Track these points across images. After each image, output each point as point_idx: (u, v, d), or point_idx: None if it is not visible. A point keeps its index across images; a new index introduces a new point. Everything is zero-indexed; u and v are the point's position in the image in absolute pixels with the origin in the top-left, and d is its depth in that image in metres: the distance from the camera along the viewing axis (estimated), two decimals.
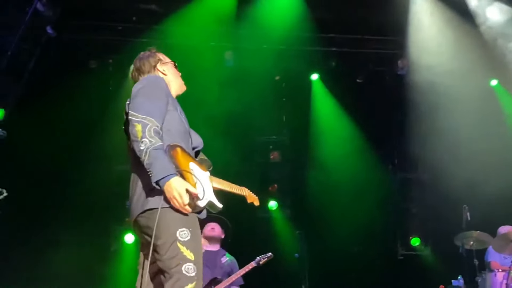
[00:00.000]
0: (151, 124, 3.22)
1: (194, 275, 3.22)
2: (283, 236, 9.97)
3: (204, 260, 6.61)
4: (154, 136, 3.20)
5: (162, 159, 3.16)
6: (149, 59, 3.75)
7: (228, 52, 9.62)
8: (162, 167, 3.14)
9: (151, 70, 3.71)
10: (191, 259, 3.23)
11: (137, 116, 3.26)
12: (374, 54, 9.98)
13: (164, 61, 3.79)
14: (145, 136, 3.18)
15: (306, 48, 9.67)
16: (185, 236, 3.24)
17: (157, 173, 3.14)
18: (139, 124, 3.22)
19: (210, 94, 9.16)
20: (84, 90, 9.04)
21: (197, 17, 8.95)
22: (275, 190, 10.24)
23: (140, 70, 3.73)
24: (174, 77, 3.78)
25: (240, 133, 9.57)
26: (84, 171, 9.06)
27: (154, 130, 3.22)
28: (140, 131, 3.20)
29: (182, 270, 3.19)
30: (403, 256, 10.34)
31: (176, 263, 3.20)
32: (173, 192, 3.13)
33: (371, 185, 9.87)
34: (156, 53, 3.81)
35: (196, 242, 3.31)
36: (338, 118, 10.36)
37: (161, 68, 3.75)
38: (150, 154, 3.15)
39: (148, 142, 3.16)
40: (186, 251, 3.22)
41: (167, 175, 3.14)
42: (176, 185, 3.14)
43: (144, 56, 3.79)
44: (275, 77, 10.14)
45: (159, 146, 3.18)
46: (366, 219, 9.60)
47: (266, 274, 7.00)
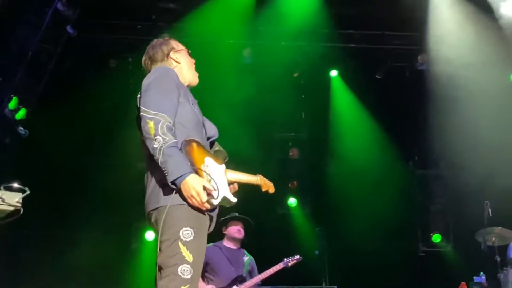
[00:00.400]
0: (164, 120, 3.16)
1: (189, 277, 3.12)
2: (303, 233, 9.97)
3: (229, 257, 6.70)
4: (167, 133, 3.13)
5: (177, 157, 3.10)
6: (162, 47, 3.66)
7: (246, 49, 9.62)
8: (177, 166, 3.09)
9: (164, 59, 3.62)
10: (189, 260, 3.13)
11: (149, 112, 3.19)
12: (394, 50, 9.93)
13: (177, 49, 3.68)
14: (158, 134, 3.12)
15: (325, 44, 9.64)
16: (188, 236, 3.15)
17: (173, 172, 3.08)
18: (151, 120, 3.16)
19: (228, 92, 9.19)
20: (104, 88, 9.11)
21: (216, 14, 8.96)
22: (294, 187, 10.24)
23: (153, 58, 3.65)
24: (188, 65, 3.68)
25: (259, 130, 9.58)
26: (105, 169, 9.13)
27: (167, 126, 3.14)
28: (152, 128, 3.13)
29: (178, 271, 3.10)
30: (424, 252, 10.29)
31: (174, 262, 3.12)
32: (190, 191, 3.08)
33: (391, 181, 9.83)
34: (169, 41, 3.71)
35: (198, 243, 3.21)
36: (357, 114, 10.33)
37: (174, 56, 3.64)
38: (164, 152, 3.09)
39: (162, 140, 3.10)
40: (186, 251, 3.13)
41: (183, 174, 3.08)
42: (193, 183, 3.08)
43: (157, 44, 3.70)
44: (294, 74, 10.12)
45: (172, 144, 3.11)
46: (387, 216, 9.57)
47: (287, 271, 6.99)
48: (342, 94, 10.41)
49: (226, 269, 6.67)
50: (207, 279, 6.65)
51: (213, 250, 6.72)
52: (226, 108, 8.79)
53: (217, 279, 6.61)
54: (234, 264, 6.74)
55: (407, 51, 9.94)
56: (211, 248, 6.74)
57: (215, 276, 6.63)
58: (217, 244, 6.82)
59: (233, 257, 6.78)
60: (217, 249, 6.77)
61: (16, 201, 4.20)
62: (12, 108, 8.04)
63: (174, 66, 3.61)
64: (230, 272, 6.68)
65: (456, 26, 9.16)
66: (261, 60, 9.59)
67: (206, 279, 6.65)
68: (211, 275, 6.65)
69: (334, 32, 9.50)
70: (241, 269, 6.74)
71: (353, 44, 9.77)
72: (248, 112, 9.34)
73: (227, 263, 6.71)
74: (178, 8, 9.06)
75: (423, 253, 10.28)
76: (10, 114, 8.05)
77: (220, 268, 6.66)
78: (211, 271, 6.66)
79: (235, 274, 6.67)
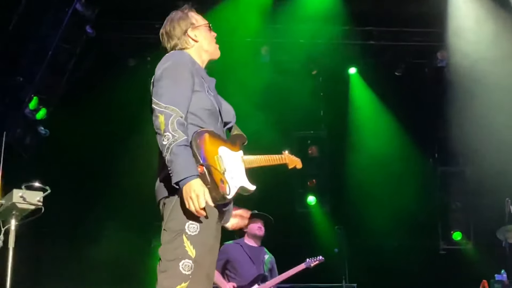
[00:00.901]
0: (175, 115, 3.00)
1: (189, 273, 2.99)
2: (322, 231, 9.95)
3: (250, 255, 6.68)
4: (178, 129, 2.97)
5: (184, 157, 2.95)
6: (180, 22, 3.45)
7: (264, 47, 9.62)
8: (182, 167, 2.94)
9: (181, 37, 3.42)
10: (192, 256, 3.00)
11: (160, 105, 3.04)
12: (413, 47, 9.87)
13: (196, 25, 3.45)
14: (168, 130, 2.97)
15: (344, 41, 9.61)
16: (194, 230, 3.03)
17: (177, 173, 2.93)
18: (162, 114, 3.01)
19: (246, 90, 9.18)
20: (123, 88, 9.16)
21: (233, 13, 8.96)
22: (313, 185, 10.22)
23: (170, 34, 3.46)
24: (208, 41, 3.46)
25: (278, 128, 9.56)
26: (125, 167, 9.17)
27: (177, 121, 2.99)
28: (163, 123, 2.98)
29: (179, 265, 2.99)
30: (445, 250, 10.22)
31: (175, 256, 3.01)
32: (190, 193, 2.92)
33: (411, 179, 9.78)
34: (188, 14, 3.49)
35: (204, 238, 3.07)
36: (376, 112, 10.28)
37: (192, 34, 3.42)
38: (172, 150, 2.94)
39: (171, 137, 2.96)
40: (189, 246, 3.01)
41: (187, 177, 2.93)
42: (194, 187, 2.93)
43: (175, 18, 3.49)
44: (312, 72, 10.10)
45: (182, 142, 2.96)
46: (407, 213, 9.52)
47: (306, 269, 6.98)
48: (361, 92, 10.37)
49: (247, 267, 6.65)
50: (227, 276, 6.62)
51: (234, 248, 6.71)
52: (244, 106, 8.78)
53: (238, 277, 6.59)
54: (255, 262, 6.70)
55: (426, 48, 9.88)
56: (232, 245, 6.72)
57: (236, 274, 6.60)
58: (238, 242, 6.79)
59: (254, 255, 6.75)
60: (238, 246, 6.74)
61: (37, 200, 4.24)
62: (32, 108, 8.10)
63: (191, 45, 3.43)
64: (251, 270, 6.65)
65: (474, 21, 9.08)
66: (279, 58, 9.58)
67: (226, 277, 6.62)
68: (232, 272, 6.62)
69: (353, 29, 9.46)
70: (262, 267, 6.71)
71: (372, 41, 9.74)
72: (266, 110, 9.34)
73: (249, 261, 6.68)
74: (195, 7, 9.03)
75: (444, 251, 10.21)
76: (31, 114, 8.11)
77: (241, 266, 6.64)
78: (232, 268, 6.63)
79: (257, 272, 6.65)
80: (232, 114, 3.47)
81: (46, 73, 8.21)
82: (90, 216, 9.14)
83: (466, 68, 9.20)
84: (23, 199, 4.17)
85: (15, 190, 4.17)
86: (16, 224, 4.30)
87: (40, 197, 4.22)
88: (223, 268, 6.64)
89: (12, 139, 7.80)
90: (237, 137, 3.43)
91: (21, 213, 4.33)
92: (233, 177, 3.18)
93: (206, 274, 3.15)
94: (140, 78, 9.27)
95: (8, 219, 4.30)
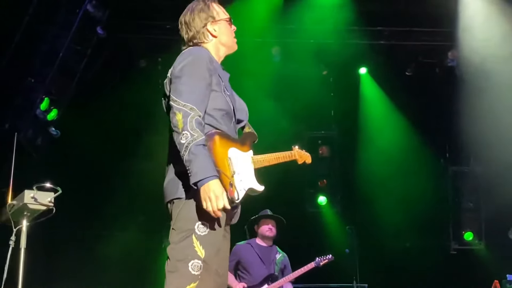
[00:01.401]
0: (193, 114, 2.97)
1: (198, 273, 2.99)
2: (333, 231, 9.94)
3: (260, 255, 6.70)
4: (196, 128, 2.94)
5: (203, 157, 2.92)
6: (200, 14, 3.37)
7: (275, 47, 9.62)
8: (201, 167, 2.91)
9: (200, 30, 3.35)
10: (201, 256, 3.00)
11: (178, 103, 3.00)
12: (423, 46, 9.82)
13: (216, 19, 3.39)
14: (186, 128, 2.93)
15: (354, 41, 9.58)
16: (203, 230, 3.02)
17: (196, 173, 2.90)
18: (180, 112, 2.97)
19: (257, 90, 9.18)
20: (134, 88, 9.19)
21: (244, 13, 8.96)
22: (324, 185, 10.21)
23: (189, 25, 3.37)
24: (227, 37, 3.42)
25: (288, 128, 9.56)
26: (135, 168, 9.20)
27: (196, 120, 2.96)
28: (181, 121, 2.95)
29: (188, 265, 2.98)
30: (456, 250, 10.17)
31: (184, 256, 2.99)
32: (209, 193, 2.90)
33: (422, 179, 9.75)
34: (210, 6, 3.40)
35: (213, 239, 3.06)
36: (387, 112, 10.26)
37: (211, 28, 3.37)
38: (190, 150, 2.90)
39: (190, 136, 2.92)
40: (199, 247, 3.00)
41: (206, 177, 2.90)
42: (214, 188, 2.90)
43: (196, 8, 3.40)
44: (323, 72, 10.09)
45: (201, 141, 2.93)
46: (418, 214, 9.49)
47: (317, 269, 6.98)
48: (371, 92, 10.35)
49: (257, 267, 6.68)
50: (239, 277, 6.69)
51: (245, 248, 6.75)
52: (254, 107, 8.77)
53: (249, 277, 6.64)
54: (265, 262, 6.74)
55: (437, 48, 9.84)
56: (243, 246, 6.76)
57: (246, 274, 6.66)
58: (249, 242, 6.84)
59: (264, 255, 6.78)
60: (249, 247, 6.78)
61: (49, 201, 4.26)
62: (44, 109, 8.13)
63: (209, 40, 3.38)
64: (261, 270, 6.68)
65: (485, 20, 9.03)
66: (290, 58, 9.57)
67: (238, 277, 6.69)
68: (243, 273, 6.68)
69: (363, 29, 9.44)
70: (272, 267, 6.74)
71: (382, 41, 9.70)
72: (277, 111, 9.34)
73: (259, 261, 6.71)
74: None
75: (455, 251, 10.16)
76: (42, 115, 8.14)
77: (252, 266, 6.68)
78: (243, 269, 6.69)
79: (267, 272, 6.68)
80: (245, 112, 3.44)
81: (57, 74, 8.24)
82: (101, 216, 9.17)
83: (477, 67, 9.16)
84: (34, 200, 4.19)
85: (26, 191, 4.19)
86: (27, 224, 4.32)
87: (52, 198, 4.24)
88: (235, 268, 6.70)
89: (24, 140, 7.83)
90: (248, 136, 3.41)
91: (32, 214, 4.35)
92: (242, 180, 3.17)
93: (215, 275, 3.15)
94: (151, 79, 9.34)
95: (19, 220, 4.32)
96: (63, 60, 8.17)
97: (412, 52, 9.91)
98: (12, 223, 4.28)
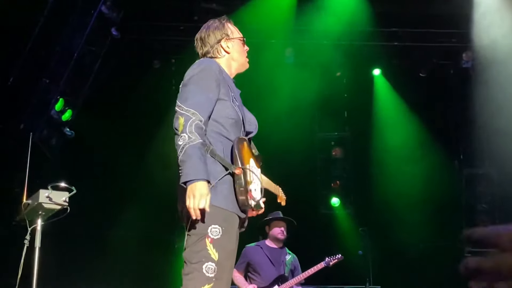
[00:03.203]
0: (194, 118, 3.08)
1: (212, 276, 3.06)
2: (346, 233, 9.91)
3: (270, 257, 6.71)
4: (195, 132, 3.05)
5: (196, 159, 3.00)
6: (215, 31, 3.54)
7: (288, 48, 9.61)
8: (193, 169, 2.99)
9: (214, 45, 3.51)
10: (215, 259, 3.07)
11: (182, 108, 3.14)
12: (438, 48, 9.78)
13: (230, 37, 3.55)
14: (185, 131, 3.05)
15: (368, 43, 9.57)
16: (216, 233, 3.10)
17: (187, 174, 3.00)
18: (182, 117, 3.10)
19: (271, 91, 9.19)
20: (148, 89, 9.22)
21: (258, 14, 8.98)
22: (337, 187, 10.19)
23: (204, 41, 3.54)
24: (239, 54, 3.57)
25: (301, 129, 9.56)
26: (149, 168, 9.23)
27: (196, 125, 3.07)
28: (182, 125, 3.07)
29: (202, 268, 3.06)
30: (470, 253, 10.11)
31: (198, 259, 3.08)
32: (194, 191, 2.96)
33: (436, 180, 9.70)
34: (225, 25, 3.58)
35: (226, 241, 3.15)
36: (401, 113, 10.22)
37: (225, 45, 3.53)
38: (185, 151, 3.01)
39: (187, 138, 3.03)
40: (212, 249, 3.08)
41: (195, 179, 2.98)
42: (200, 188, 2.97)
43: (212, 26, 3.58)
44: (336, 73, 10.07)
45: (197, 144, 3.02)
46: (431, 215, 9.44)
47: (330, 271, 6.96)
48: (385, 93, 10.31)
49: (267, 269, 6.69)
50: (249, 278, 6.70)
51: (255, 250, 6.76)
52: (268, 107, 8.79)
53: (259, 279, 6.65)
54: (275, 263, 6.74)
55: (451, 49, 9.79)
56: (253, 247, 6.78)
57: (257, 276, 6.67)
58: (259, 244, 6.85)
59: (274, 256, 6.79)
60: (259, 248, 6.79)
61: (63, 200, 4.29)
62: (58, 110, 8.18)
63: (222, 55, 3.53)
64: (271, 271, 6.69)
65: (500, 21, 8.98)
66: (303, 59, 9.57)
67: (248, 279, 6.70)
68: (253, 274, 6.69)
69: (377, 30, 9.41)
70: (282, 268, 6.75)
71: (396, 42, 9.67)
72: (290, 112, 9.34)
73: (268, 263, 6.72)
74: (220, 9, 9.10)
75: (469, 254, 10.10)
76: (57, 115, 8.19)
77: (262, 267, 6.69)
78: (253, 270, 6.70)
79: (277, 274, 6.68)
80: (255, 124, 3.55)
81: (72, 74, 8.29)
82: (114, 216, 9.21)
83: (492, 69, 9.11)
84: (49, 199, 4.22)
85: (41, 190, 4.21)
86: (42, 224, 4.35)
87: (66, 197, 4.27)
88: (245, 270, 6.71)
89: (38, 140, 7.88)
90: (258, 156, 3.52)
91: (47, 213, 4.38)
92: (256, 189, 3.26)
93: (227, 277, 3.23)
94: (164, 80, 9.37)
95: (34, 219, 4.35)
96: (77, 61, 8.22)
97: (426, 54, 9.86)
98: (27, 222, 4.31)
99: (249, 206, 3.18)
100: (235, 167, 3.14)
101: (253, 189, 3.21)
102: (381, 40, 9.60)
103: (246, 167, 3.18)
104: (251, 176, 3.21)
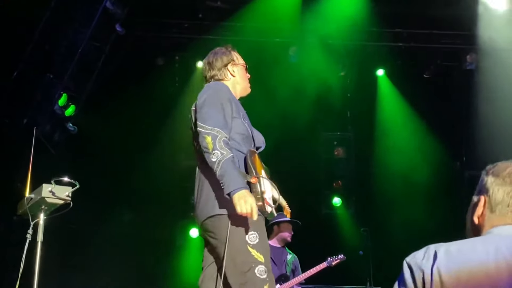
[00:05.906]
0: (220, 136, 3.33)
1: (265, 276, 3.31)
2: (347, 233, 9.91)
3: (272, 256, 6.71)
4: (225, 147, 3.30)
5: (233, 171, 3.25)
6: (223, 56, 3.84)
7: (292, 48, 9.61)
8: (234, 179, 3.23)
9: (221, 68, 3.80)
10: (262, 261, 3.33)
11: (206, 128, 3.38)
12: (442, 49, 9.78)
13: (236, 62, 3.86)
14: (216, 148, 3.29)
15: (372, 43, 9.56)
16: (254, 239, 3.34)
17: (229, 185, 3.22)
18: (208, 136, 3.34)
19: (274, 90, 9.18)
20: (151, 86, 9.22)
21: (262, 13, 8.97)
22: (339, 187, 10.19)
23: (212, 65, 3.82)
24: (242, 79, 3.86)
25: (304, 129, 9.55)
26: (151, 166, 9.23)
27: (223, 141, 3.32)
28: (210, 143, 3.31)
29: (255, 273, 3.29)
30: None
31: (249, 266, 3.30)
32: (244, 197, 3.21)
33: (438, 182, 9.69)
34: (231, 52, 3.89)
35: (264, 243, 3.41)
36: (404, 114, 10.21)
37: (231, 69, 3.82)
38: (222, 166, 3.24)
39: (220, 154, 3.26)
40: (257, 253, 3.32)
41: (238, 188, 3.22)
42: (245, 194, 3.22)
43: (219, 52, 3.88)
44: (340, 73, 10.06)
45: (230, 158, 3.27)
46: (433, 217, 9.43)
47: (331, 271, 6.96)
48: (388, 94, 10.31)
49: None
50: None
51: None
52: (272, 106, 8.80)
53: None
54: (277, 262, 6.75)
55: (456, 50, 9.79)
56: None
57: None
58: None
59: (276, 255, 6.78)
60: None
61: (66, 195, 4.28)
62: (62, 105, 8.18)
63: (228, 78, 3.81)
64: (273, 270, 6.67)
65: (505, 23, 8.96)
66: (307, 59, 9.56)
67: None
68: None
69: (382, 31, 9.41)
70: (284, 267, 6.76)
71: (400, 43, 9.67)
72: (293, 111, 9.33)
73: (271, 262, 6.72)
74: (225, 7, 9.11)
75: None
76: (60, 110, 8.19)
77: None
78: None
79: (278, 273, 6.68)
80: (262, 140, 3.81)
81: (76, 70, 8.29)
82: (115, 213, 9.21)
83: (495, 71, 9.10)
84: (52, 193, 4.21)
85: (44, 184, 4.21)
86: (44, 218, 4.35)
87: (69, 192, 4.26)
88: None
89: (41, 135, 7.89)
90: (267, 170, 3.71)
91: (50, 208, 4.37)
92: (269, 198, 3.51)
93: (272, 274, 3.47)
94: (168, 77, 9.37)
95: (37, 214, 4.35)
96: (82, 57, 8.23)
97: (431, 55, 9.86)
98: (30, 217, 4.30)
99: (266, 212, 3.40)
100: (250, 177, 3.37)
101: (267, 198, 3.43)
102: (386, 40, 9.60)
103: (260, 176, 3.40)
104: (264, 185, 3.42)
